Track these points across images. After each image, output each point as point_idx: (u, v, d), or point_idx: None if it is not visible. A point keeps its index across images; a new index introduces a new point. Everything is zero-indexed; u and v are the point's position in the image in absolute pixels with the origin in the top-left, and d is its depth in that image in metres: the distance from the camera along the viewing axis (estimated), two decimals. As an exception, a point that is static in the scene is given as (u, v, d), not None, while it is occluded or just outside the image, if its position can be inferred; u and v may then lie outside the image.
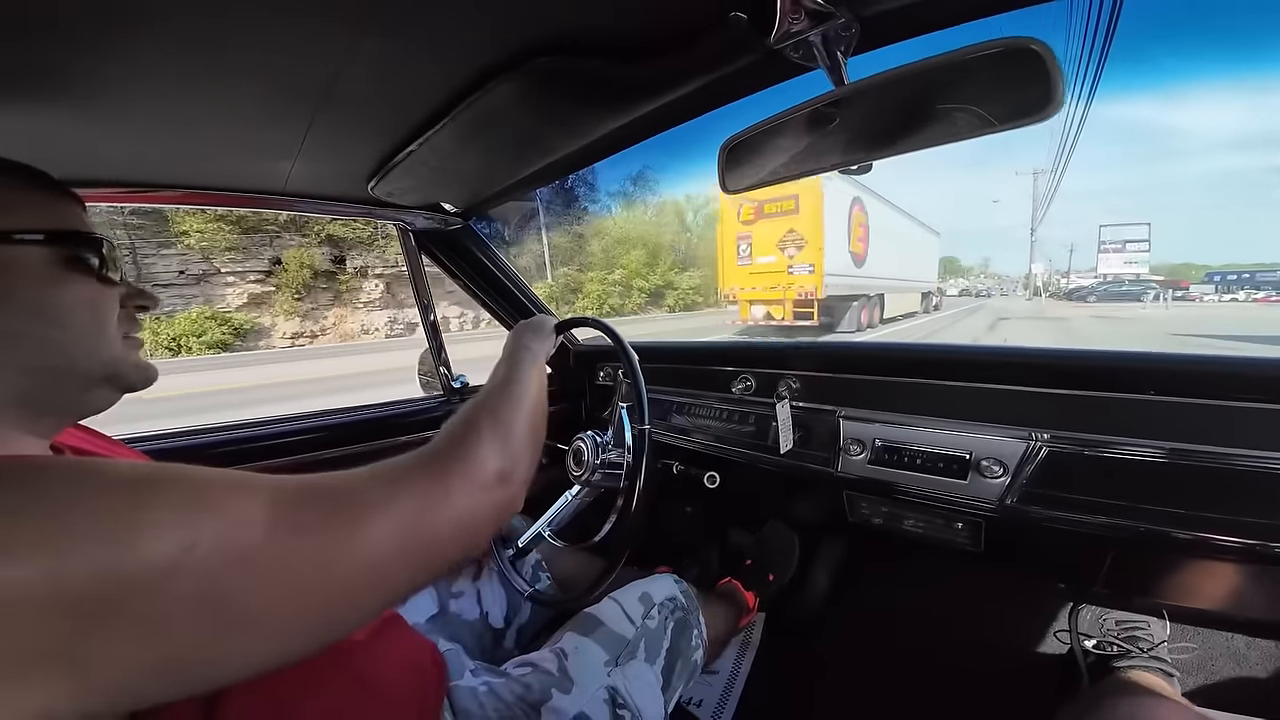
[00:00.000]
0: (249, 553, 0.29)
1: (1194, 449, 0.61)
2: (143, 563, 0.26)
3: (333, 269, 16.91)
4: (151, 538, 0.27)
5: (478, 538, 0.43)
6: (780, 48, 0.51)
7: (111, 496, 0.28)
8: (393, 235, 5.28)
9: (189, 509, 0.29)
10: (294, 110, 0.60)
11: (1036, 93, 0.36)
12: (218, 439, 1.01)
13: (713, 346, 1.25)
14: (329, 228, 16.17)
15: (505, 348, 0.71)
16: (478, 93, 0.58)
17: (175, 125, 0.62)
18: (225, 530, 0.29)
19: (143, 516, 0.27)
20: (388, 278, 17.53)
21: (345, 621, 0.34)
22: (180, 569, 0.27)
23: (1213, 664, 0.92)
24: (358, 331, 17.14)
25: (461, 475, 0.41)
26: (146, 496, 0.28)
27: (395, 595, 0.37)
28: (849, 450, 0.88)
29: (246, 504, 0.31)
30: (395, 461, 0.40)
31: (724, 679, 1.11)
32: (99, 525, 0.26)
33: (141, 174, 0.76)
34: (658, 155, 30.34)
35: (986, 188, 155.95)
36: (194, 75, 0.51)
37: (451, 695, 0.63)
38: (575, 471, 0.96)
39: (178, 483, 0.30)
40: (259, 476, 0.33)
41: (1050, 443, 0.70)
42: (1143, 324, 14.06)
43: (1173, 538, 0.61)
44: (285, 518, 0.31)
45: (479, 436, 0.45)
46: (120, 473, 0.29)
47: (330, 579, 0.32)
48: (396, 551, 0.35)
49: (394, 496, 0.36)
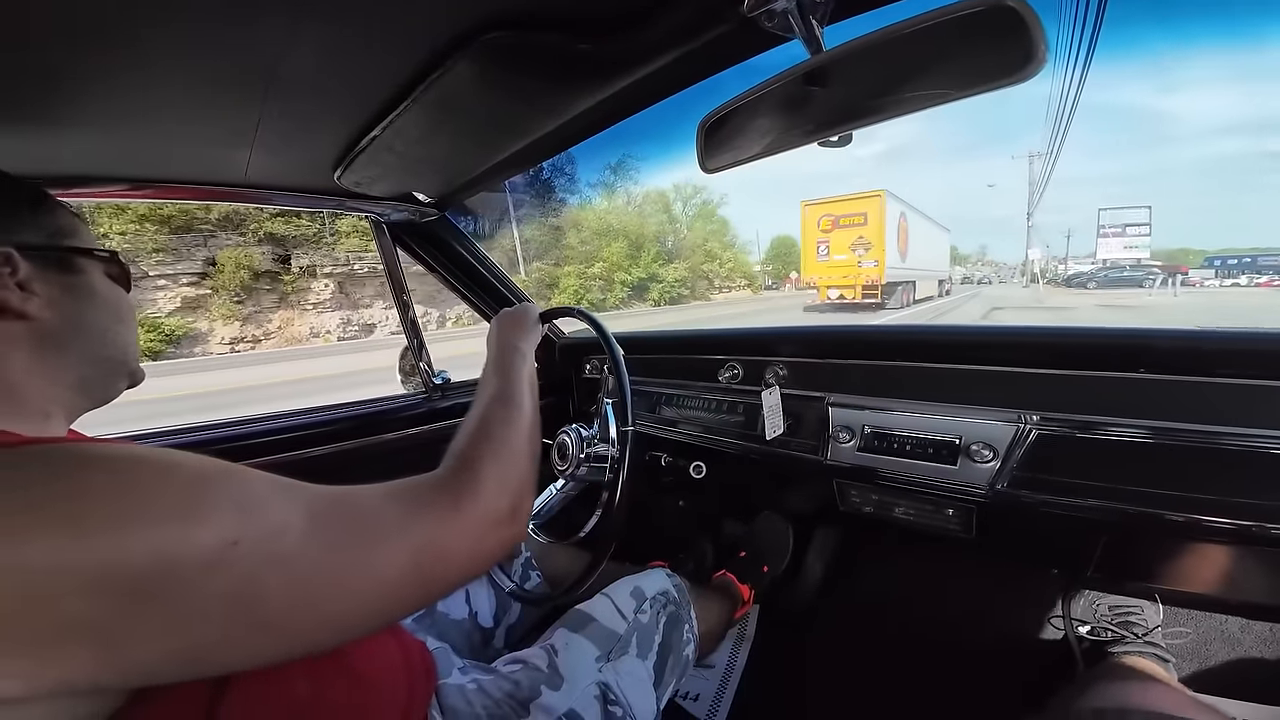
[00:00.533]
0: (282, 558, 0.31)
1: (1185, 428, 0.59)
2: (194, 553, 0.28)
3: (276, 269, 16.10)
4: (208, 530, 0.28)
5: (484, 568, 0.45)
6: (754, 15, 0.49)
7: (184, 485, 0.30)
8: (342, 232, 5.23)
9: (238, 508, 0.30)
10: (241, 95, 0.57)
11: (1017, 51, 0.34)
12: (201, 438, 0.99)
13: (699, 335, 1.23)
14: (268, 225, 15.40)
15: (491, 346, 0.70)
16: (436, 72, 0.56)
17: (117, 115, 0.60)
18: (268, 533, 0.31)
19: (206, 508, 0.29)
20: (338, 277, 16.82)
21: (353, 631, 0.36)
22: (221, 564, 0.28)
23: (1207, 648, 0.92)
24: (306, 335, 16.43)
25: (477, 510, 0.42)
26: (212, 489, 0.30)
27: (402, 614, 0.39)
28: (838, 438, 0.87)
29: (290, 510, 0.33)
30: (411, 484, 0.41)
31: (720, 672, 1.11)
32: (169, 511, 0.28)
33: (88, 169, 0.74)
34: (639, 142, 29.60)
35: (982, 175, 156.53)
36: (130, 63, 0.49)
37: (439, 693, 0.62)
38: (560, 466, 0.94)
39: (236, 478, 0.32)
40: (301, 485, 0.35)
41: (1040, 425, 0.68)
42: (1153, 314, 13.18)
43: (1165, 520, 0.59)
44: (319, 529, 0.33)
45: (489, 470, 0.46)
46: (189, 465, 0.31)
47: (347, 592, 0.34)
48: (408, 577, 0.37)
49: (411, 525, 0.38)
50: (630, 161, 29.01)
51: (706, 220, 32.89)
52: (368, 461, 1.14)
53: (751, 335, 1.13)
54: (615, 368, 0.78)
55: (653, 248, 27.66)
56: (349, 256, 16.77)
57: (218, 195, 0.89)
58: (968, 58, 0.37)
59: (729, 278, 32.73)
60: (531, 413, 0.58)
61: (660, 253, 28.12)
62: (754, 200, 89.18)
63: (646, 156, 30.70)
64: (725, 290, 32.07)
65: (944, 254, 21.30)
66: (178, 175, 0.82)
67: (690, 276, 29.30)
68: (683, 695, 1.05)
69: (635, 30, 0.54)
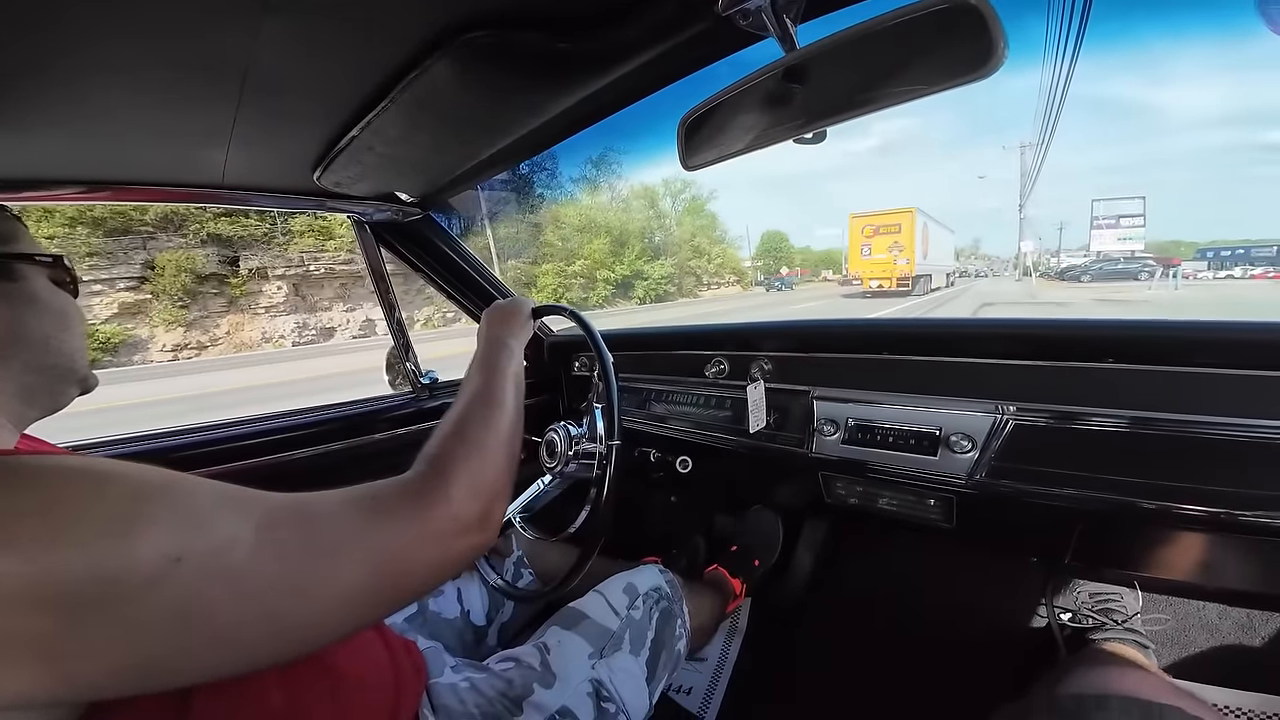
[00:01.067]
0: (231, 572, 0.30)
1: (1156, 417, 0.60)
2: (133, 569, 0.27)
3: (223, 271, 15.35)
4: (146, 546, 0.28)
5: (451, 575, 0.44)
6: (729, 14, 0.50)
7: (117, 500, 0.29)
8: (295, 232, 5.15)
9: (181, 522, 0.30)
10: (215, 94, 0.57)
11: (977, 49, 0.35)
12: (187, 440, 0.98)
13: (686, 331, 1.24)
14: (211, 225, 14.66)
15: (480, 340, 0.68)
16: (415, 71, 0.56)
17: (84, 116, 0.58)
18: (213, 547, 0.30)
19: (142, 523, 0.28)
20: (293, 279, 16.10)
21: (315, 642, 0.35)
22: (165, 579, 0.28)
23: (1187, 635, 0.93)
24: (258, 340, 15.72)
25: (444, 518, 0.41)
26: (148, 504, 0.29)
27: (366, 623, 0.38)
28: (823, 431, 0.88)
29: (238, 523, 0.31)
30: (376, 490, 0.40)
31: (712, 665, 1.12)
32: (100, 527, 0.27)
33: (54, 171, 0.72)
34: (624, 138, 28.78)
35: (974, 168, 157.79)
36: (94, 61, 0.48)
37: (431, 692, 0.62)
38: (549, 463, 0.94)
39: (177, 492, 0.31)
40: (252, 494, 0.34)
41: (1016, 415, 0.70)
42: (1156, 310, 12.29)
43: (1139, 508, 0.60)
44: (270, 541, 0.32)
45: (461, 474, 0.44)
46: (127, 477, 0.30)
47: (303, 605, 0.33)
48: (369, 586, 0.36)
49: (371, 533, 0.37)
50: (612, 156, 28.30)
51: (694, 216, 32.67)
52: (356, 462, 1.14)
53: (737, 330, 1.14)
54: (605, 376, 0.77)
55: (637, 244, 27.18)
56: (303, 257, 16.11)
57: (195, 197, 0.87)
58: (933, 55, 0.38)
59: (717, 274, 32.49)
60: (513, 413, 0.56)
61: (645, 249, 27.62)
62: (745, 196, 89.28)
63: (631, 152, 30.18)
64: (714, 287, 31.91)
65: (951, 252, 27.53)
66: (152, 177, 0.80)
67: (677, 273, 28.90)
68: (675, 689, 1.06)
69: (613, 28, 0.54)
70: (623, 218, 28.42)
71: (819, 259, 57.57)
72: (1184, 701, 0.44)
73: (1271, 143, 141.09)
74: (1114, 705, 0.43)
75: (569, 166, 25.17)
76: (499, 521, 0.46)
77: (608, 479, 0.74)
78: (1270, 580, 0.69)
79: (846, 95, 0.45)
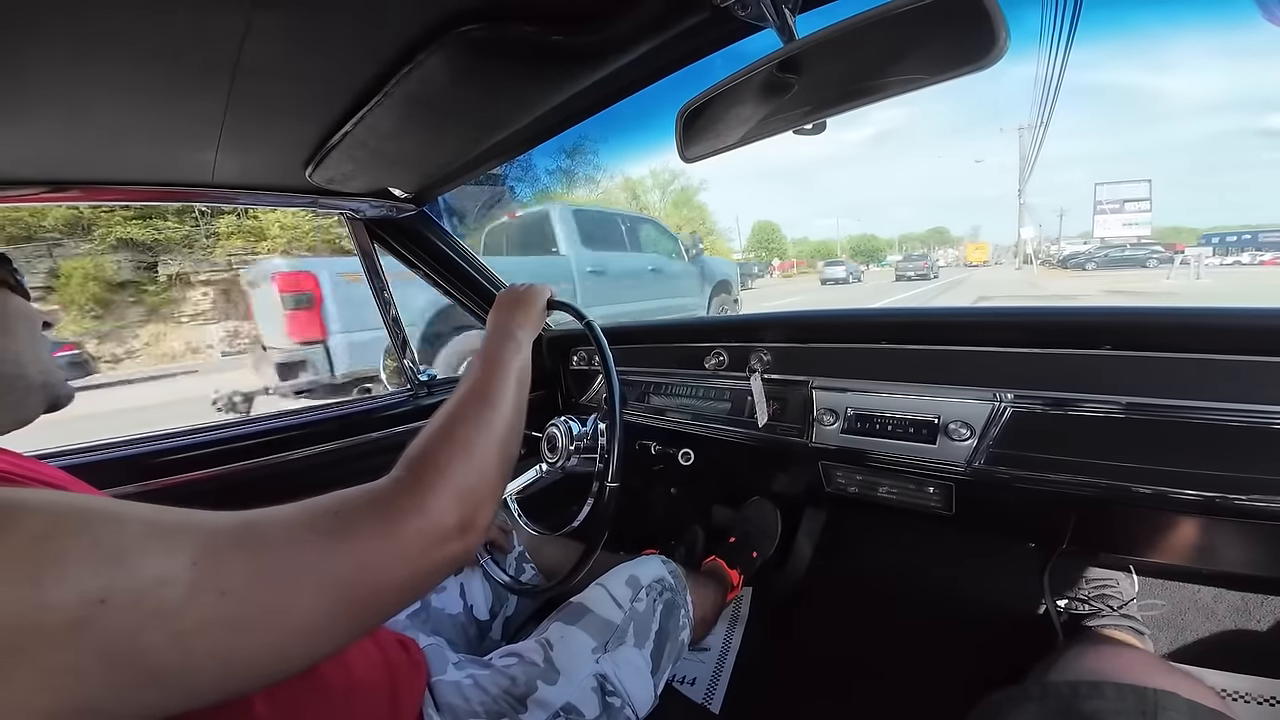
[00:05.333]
0: (166, 611, 0.27)
1: (1151, 403, 0.61)
2: (50, 613, 0.25)
3: (139, 279, 14.04)
4: (64, 589, 0.25)
5: (424, 592, 0.41)
6: (727, 5, 0.49)
7: (25, 540, 0.26)
8: (221, 234, 4.99)
9: (103, 561, 0.27)
10: (203, 92, 0.55)
11: (978, 38, 0.35)
12: (174, 444, 0.97)
13: (685, 323, 1.24)
14: (121, 229, 13.47)
15: (489, 328, 0.64)
16: (408, 65, 0.55)
17: (72, 115, 0.57)
18: (142, 584, 0.27)
19: (57, 565, 0.26)
20: (221, 284, 14.71)
21: (274, 677, 0.32)
22: (90, 623, 0.25)
23: (1182, 619, 0.94)
24: (182, 351, 14.32)
25: (416, 531, 0.37)
26: (63, 541, 0.27)
27: (330, 653, 0.34)
28: (822, 420, 0.88)
29: (168, 560, 0.28)
30: (341, 504, 0.36)
31: (715, 655, 1.13)
32: (8, 571, 0.25)
33: (41, 171, 0.70)
34: (611, 130, 27.63)
35: (971, 153, 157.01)
36: (86, 60, 0.47)
37: (434, 690, 0.62)
38: (550, 459, 0.94)
39: (98, 526, 0.28)
40: (190, 522, 0.31)
41: (1014, 403, 0.70)
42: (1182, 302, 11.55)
43: (1133, 493, 0.61)
44: (210, 577, 0.29)
45: (441, 479, 0.40)
46: (39, 512, 0.28)
47: (256, 641, 0.30)
48: (330, 614, 0.33)
49: (329, 556, 0.33)
50: (596, 148, 27.25)
51: (682, 207, 32.09)
52: (354, 460, 1.13)
53: (736, 322, 1.14)
54: (611, 414, 0.73)
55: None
56: (231, 261, 14.77)
57: (183, 196, 0.86)
58: (933, 45, 0.38)
59: None
60: (511, 413, 0.51)
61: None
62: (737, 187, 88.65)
63: (619, 145, 29.34)
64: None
65: (990, 248, 46.80)
66: (136, 176, 0.79)
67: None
68: (679, 679, 1.07)
69: (609, 21, 0.53)
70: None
71: (814, 249, 57.53)
72: (1180, 684, 0.44)
73: (1271, 128, 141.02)
74: (1109, 689, 0.44)
75: (545, 158, 24.15)
76: (484, 527, 0.42)
77: (606, 517, 0.71)
78: (1266, 563, 0.70)
79: (847, 86, 0.45)
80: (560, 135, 0.83)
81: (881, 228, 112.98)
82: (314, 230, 15.46)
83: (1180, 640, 0.93)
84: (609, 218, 4.77)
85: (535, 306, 0.68)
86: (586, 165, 27.13)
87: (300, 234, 15.50)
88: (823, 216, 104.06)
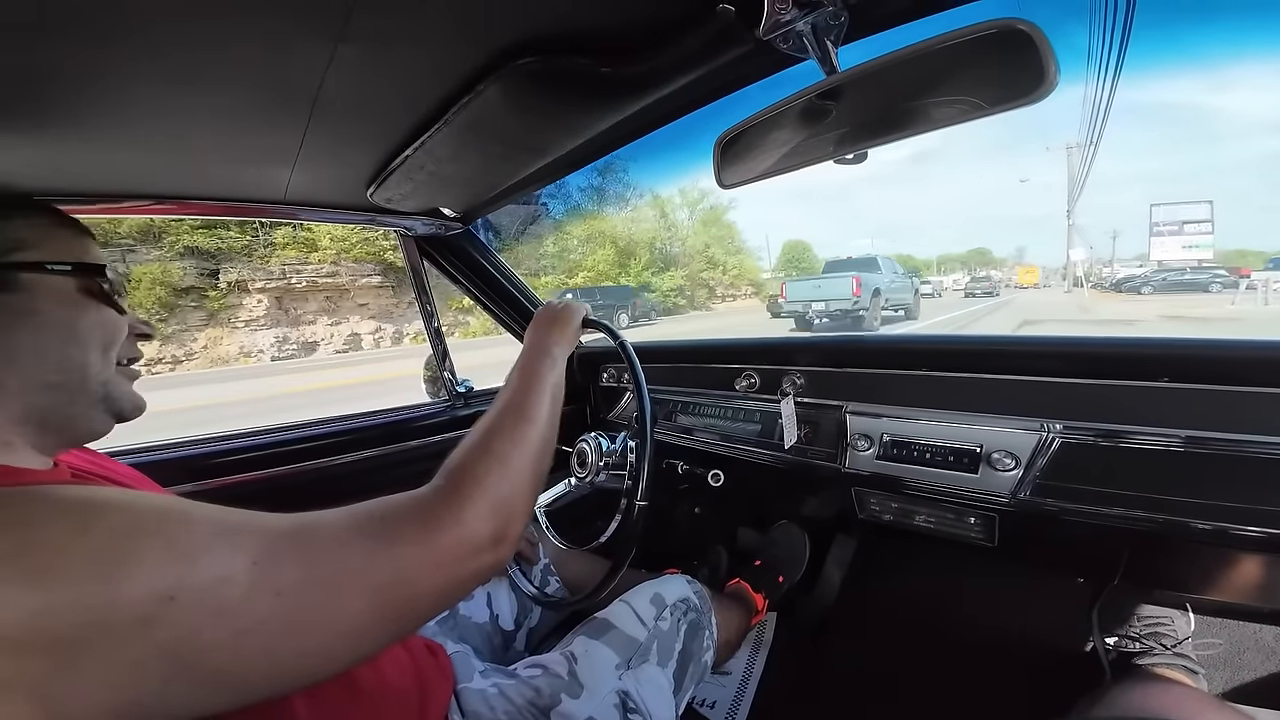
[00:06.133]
0: (226, 610, 0.29)
1: (1212, 436, 0.59)
2: (123, 609, 0.26)
3: (202, 284, 14.80)
4: (137, 584, 0.27)
5: (457, 600, 0.43)
6: (770, 39, 0.51)
7: (105, 537, 0.28)
8: (278, 244, 5.19)
9: (174, 559, 0.28)
10: (288, 117, 0.61)
11: (1028, 73, 0.35)
12: (228, 447, 1.03)
13: (716, 344, 1.24)
14: (189, 238, 14.25)
15: (526, 344, 0.66)
16: (468, 95, 0.59)
17: (167, 135, 0.63)
18: (208, 583, 0.29)
19: (132, 561, 0.27)
20: (274, 291, 15.40)
21: (314, 677, 0.33)
22: (157, 619, 0.27)
23: (1240, 657, 0.89)
24: (235, 354, 15.01)
25: (454, 540, 0.39)
26: (140, 539, 0.28)
27: (367, 655, 0.36)
28: (856, 446, 0.87)
29: (231, 559, 0.30)
30: (385, 510, 0.38)
31: (737, 679, 1.10)
32: (86, 569, 0.26)
33: (134, 186, 0.77)
34: (643, 153, 28.47)
35: (1015, 171, 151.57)
36: (183, 82, 0.51)
37: (460, 697, 0.63)
38: (579, 474, 0.96)
39: (172, 525, 0.30)
40: (252, 524, 0.33)
41: (1063, 433, 0.68)
42: (1253, 330, 9.47)
43: (1193, 528, 0.59)
44: (267, 577, 0.31)
45: (480, 490, 0.42)
46: (118, 513, 0.29)
47: (303, 641, 0.32)
48: (372, 617, 0.34)
49: (375, 560, 0.35)
50: (619, 164, 27.17)
51: (710, 226, 31.92)
52: (394, 467, 1.18)
53: (769, 344, 1.14)
54: (641, 432, 0.73)
55: (645, 255, 26.24)
56: (285, 269, 15.57)
57: (256, 212, 0.93)
58: (981, 79, 0.38)
59: (733, 285, 31.58)
60: (545, 429, 0.52)
61: (653, 260, 26.55)
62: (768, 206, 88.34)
63: (651, 166, 29.82)
64: (728, 299, 31.21)
65: (1040, 271, 45.14)
66: (218, 193, 0.86)
67: (687, 285, 27.89)
68: (699, 702, 1.05)
69: (655, 53, 0.55)
70: (628, 228, 27.57)
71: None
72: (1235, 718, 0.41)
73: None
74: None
75: (578, 177, 24.42)
76: (515, 540, 0.44)
77: (633, 535, 0.73)
78: None
79: (889, 117, 0.46)
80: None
81: (919, 248, 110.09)
82: (360, 243, 16.30)
83: (1236, 680, 0.87)
84: (887, 260, 12.56)
85: (571, 325, 0.69)
86: (617, 184, 27.69)
87: (348, 246, 16.37)
88: (856, 237, 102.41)
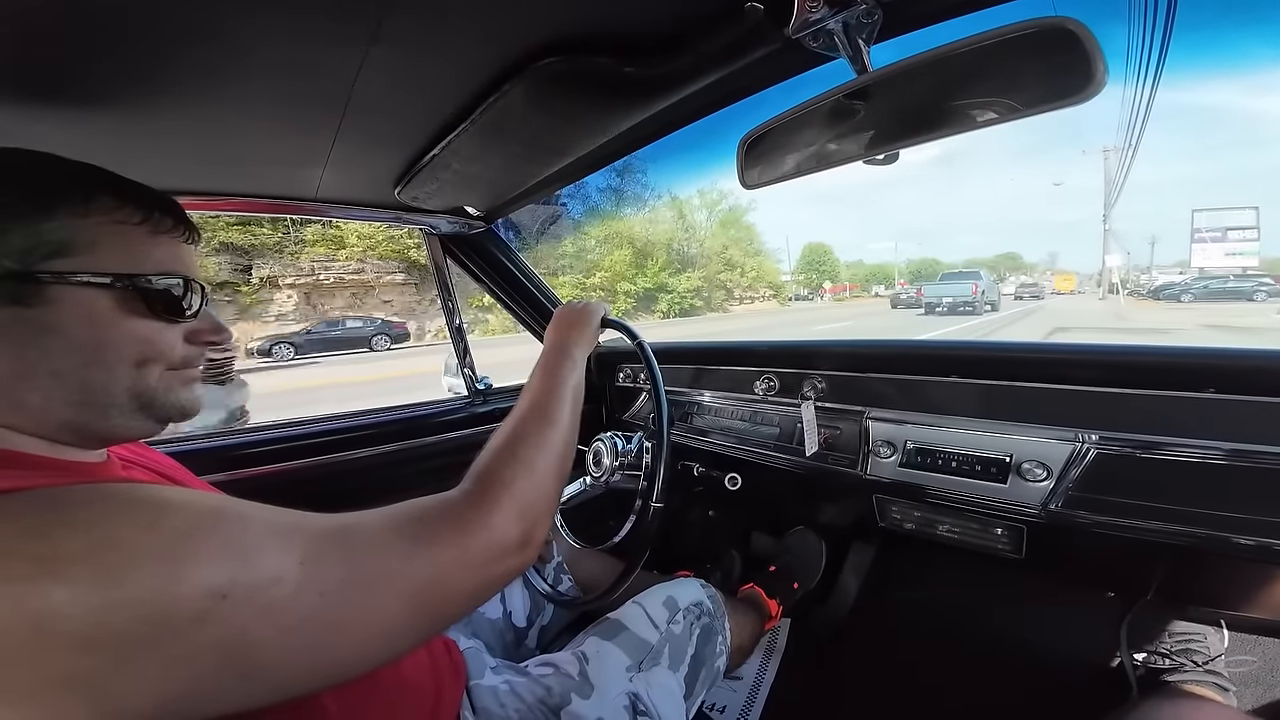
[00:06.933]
0: (275, 608, 0.30)
1: (1255, 449, 0.56)
2: (181, 606, 0.27)
3: (236, 280, 15.24)
4: (195, 582, 0.28)
5: (484, 601, 0.44)
6: (799, 37, 0.50)
7: (169, 536, 0.28)
8: (307, 241, 5.25)
9: (230, 558, 0.29)
10: (321, 117, 0.62)
11: (1075, 73, 0.34)
12: (251, 439, 1.05)
13: (736, 346, 1.23)
14: (223, 234, 14.65)
15: (546, 345, 0.67)
16: (495, 95, 0.59)
17: (207, 133, 0.65)
18: (260, 582, 0.30)
19: (193, 559, 0.28)
20: (303, 287, 15.84)
21: (349, 674, 0.35)
22: (210, 616, 0.28)
23: (1273, 675, 0.85)
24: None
25: (484, 543, 0.40)
26: (200, 538, 0.29)
27: (400, 653, 0.37)
28: (878, 452, 0.85)
29: (282, 559, 0.31)
30: (421, 512, 0.39)
31: (748, 685, 1.09)
32: (151, 566, 0.27)
33: (173, 181, 0.79)
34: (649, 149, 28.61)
35: (1048, 174, 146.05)
36: (222, 82, 0.53)
37: (472, 693, 0.63)
38: (594, 473, 0.96)
39: (228, 524, 0.31)
40: (300, 524, 0.34)
41: (1098, 444, 0.66)
42: None
43: (1233, 544, 0.57)
44: (313, 577, 0.32)
45: (508, 494, 0.43)
46: (180, 511, 0.30)
47: (342, 639, 0.33)
48: (408, 617, 0.36)
49: (415, 560, 0.36)
50: (638, 164, 26.91)
51: (729, 227, 31.60)
52: (413, 462, 1.19)
53: (789, 348, 1.12)
54: (658, 433, 0.74)
55: (662, 255, 25.93)
56: (314, 266, 16.02)
57: (288, 209, 0.96)
58: (1023, 79, 0.37)
59: (751, 287, 31.31)
60: (568, 431, 0.53)
61: (671, 261, 26.29)
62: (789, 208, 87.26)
63: (668, 165, 29.42)
64: (746, 301, 30.83)
65: (1076, 278, 46.54)
66: (255, 190, 0.88)
67: (705, 286, 27.60)
68: (710, 707, 1.04)
69: (679, 53, 0.55)
70: (646, 229, 27.28)
71: (869, 273, 55.11)
72: None
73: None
74: None
75: (597, 177, 24.38)
76: (540, 542, 0.45)
77: (647, 536, 0.73)
78: None
79: (921, 118, 0.44)
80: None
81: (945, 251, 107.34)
82: (386, 240, 16.68)
83: (1269, 696, 0.84)
84: (984, 270, 21.58)
85: (590, 325, 0.70)
86: (636, 185, 27.66)
87: (374, 243, 16.84)
88: (879, 239, 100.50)
